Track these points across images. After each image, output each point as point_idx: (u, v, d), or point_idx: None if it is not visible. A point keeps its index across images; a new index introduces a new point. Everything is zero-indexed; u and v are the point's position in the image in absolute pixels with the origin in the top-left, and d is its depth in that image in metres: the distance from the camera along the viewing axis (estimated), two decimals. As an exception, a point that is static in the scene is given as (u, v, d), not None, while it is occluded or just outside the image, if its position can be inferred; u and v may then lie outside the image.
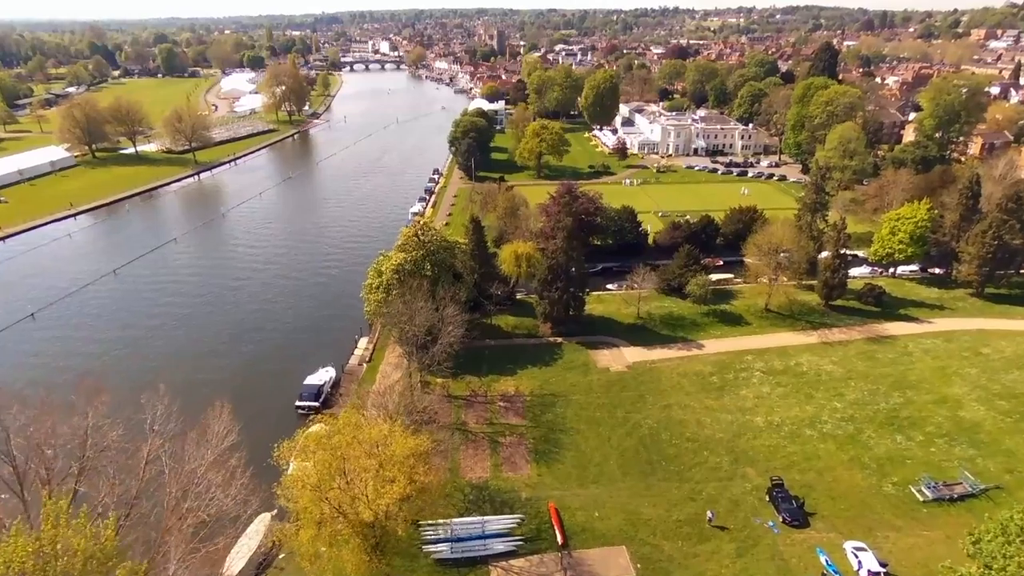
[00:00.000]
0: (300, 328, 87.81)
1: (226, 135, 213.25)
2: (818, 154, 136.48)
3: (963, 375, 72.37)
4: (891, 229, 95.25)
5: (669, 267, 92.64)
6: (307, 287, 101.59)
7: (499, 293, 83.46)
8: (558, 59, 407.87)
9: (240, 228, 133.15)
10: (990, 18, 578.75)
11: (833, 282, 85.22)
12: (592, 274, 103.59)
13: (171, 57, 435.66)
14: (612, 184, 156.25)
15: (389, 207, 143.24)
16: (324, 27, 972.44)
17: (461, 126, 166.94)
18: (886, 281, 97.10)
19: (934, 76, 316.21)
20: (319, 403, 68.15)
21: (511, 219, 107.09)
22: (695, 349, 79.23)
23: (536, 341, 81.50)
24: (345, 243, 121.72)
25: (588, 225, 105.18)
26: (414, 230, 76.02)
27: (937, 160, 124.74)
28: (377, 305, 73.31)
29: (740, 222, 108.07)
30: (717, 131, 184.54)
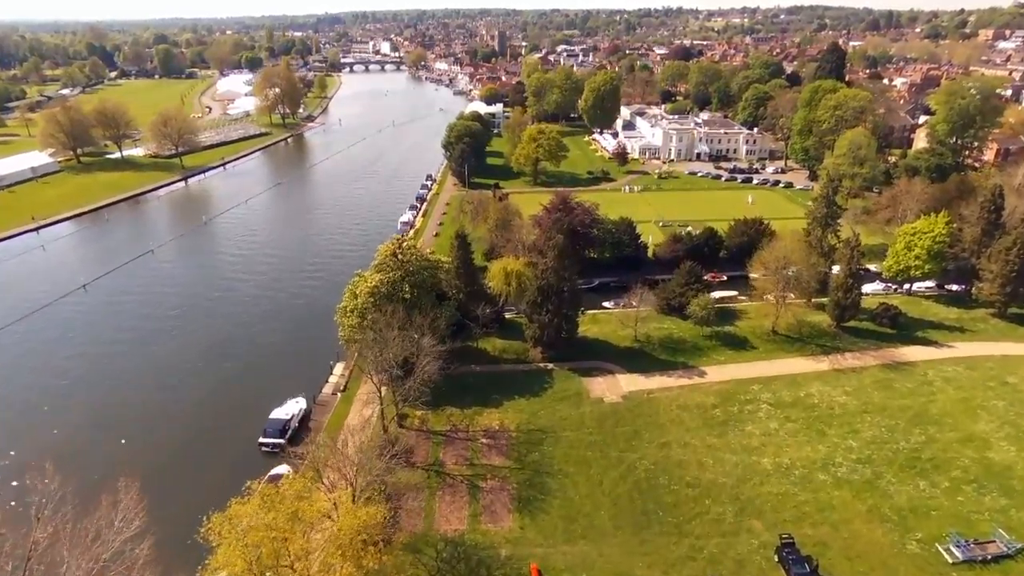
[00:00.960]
0: (273, 351, 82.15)
1: (217, 139, 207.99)
2: (827, 161, 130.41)
3: (989, 408, 66.27)
4: (907, 244, 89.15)
5: (669, 285, 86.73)
6: (285, 304, 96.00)
7: (486, 314, 77.69)
8: (559, 60, 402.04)
9: (222, 238, 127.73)
10: (998, 18, 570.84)
11: (846, 303, 79.17)
12: (588, 290, 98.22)
13: (168, 58, 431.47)
14: (611, 191, 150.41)
15: (379, 215, 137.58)
16: (326, 28, 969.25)
17: (455, 131, 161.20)
18: (901, 299, 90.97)
19: (943, 77, 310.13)
20: (285, 440, 62.45)
21: (503, 231, 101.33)
22: (696, 377, 73.28)
23: (525, 367, 75.66)
24: (330, 255, 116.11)
25: (584, 238, 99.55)
26: (392, 248, 70.24)
27: (952, 168, 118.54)
28: (351, 331, 67.65)
29: (745, 235, 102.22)
30: (721, 135, 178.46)
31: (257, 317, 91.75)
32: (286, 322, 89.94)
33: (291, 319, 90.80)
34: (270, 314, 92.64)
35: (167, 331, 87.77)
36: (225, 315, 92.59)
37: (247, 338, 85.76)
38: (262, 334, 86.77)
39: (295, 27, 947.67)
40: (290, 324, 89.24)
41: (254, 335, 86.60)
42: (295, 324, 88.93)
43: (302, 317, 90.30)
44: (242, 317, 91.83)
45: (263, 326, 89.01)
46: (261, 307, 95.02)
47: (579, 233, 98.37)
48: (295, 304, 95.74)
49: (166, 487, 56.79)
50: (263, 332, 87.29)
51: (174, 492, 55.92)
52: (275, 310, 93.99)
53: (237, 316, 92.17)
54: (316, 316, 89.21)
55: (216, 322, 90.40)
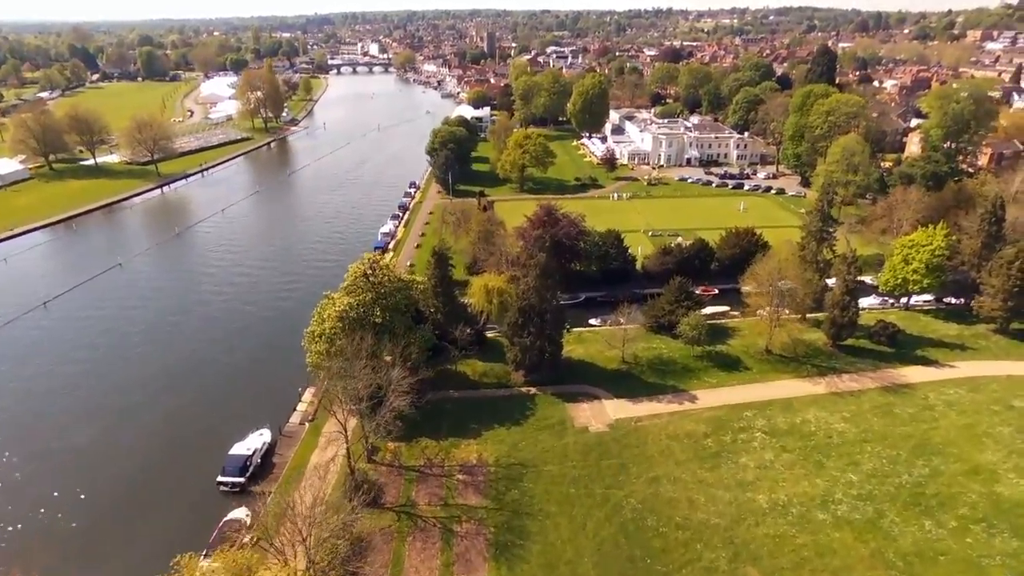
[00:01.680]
0: (240, 374, 77.52)
1: (196, 144, 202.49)
2: (819, 168, 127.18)
3: (995, 436, 62.74)
4: (904, 257, 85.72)
5: (658, 302, 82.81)
6: (257, 322, 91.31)
7: (466, 335, 73.47)
8: (549, 62, 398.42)
9: (194, 250, 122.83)
10: (986, 19, 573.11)
11: (842, 321, 75.58)
12: (573, 305, 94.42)
13: (151, 60, 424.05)
14: (599, 199, 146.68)
15: (360, 225, 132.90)
16: (315, 29, 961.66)
17: (439, 136, 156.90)
18: (899, 315, 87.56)
19: (933, 79, 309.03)
20: (245, 479, 57.95)
21: (486, 244, 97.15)
22: (687, 402, 69.37)
23: (507, 392, 71.50)
24: (307, 268, 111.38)
25: (569, 251, 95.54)
26: (363, 269, 65.83)
27: (948, 175, 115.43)
28: (319, 357, 63.20)
29: (737, 246, 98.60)
30: (711, 140, 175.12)
31: (226, 337, 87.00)
32: (256, 342, 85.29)
33: (261, 339, 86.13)
34: (239, 334, 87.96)
35: (128, 354, 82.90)
36: (192, 335, 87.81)
37: (213, 360, 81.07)
38: (230, 356, 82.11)
39: (284, 28, 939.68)
40: (260, 345, 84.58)
41: (221, 357, 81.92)
42: (265, 345, 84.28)
43: (273, 337, 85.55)
44: (210, 337, 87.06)
45: (231, 347, 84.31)
46: (231, 326, 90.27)
47: (564, 246, 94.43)
48: (267, 322, 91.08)
49: (106, 538, 52.46)
50: (231, 354, 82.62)
51: (113, 546, 51.57)
52: (245, 329, 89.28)
53: (204, 336, 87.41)
54: (288, 336, 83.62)
55: (182, 343, 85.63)
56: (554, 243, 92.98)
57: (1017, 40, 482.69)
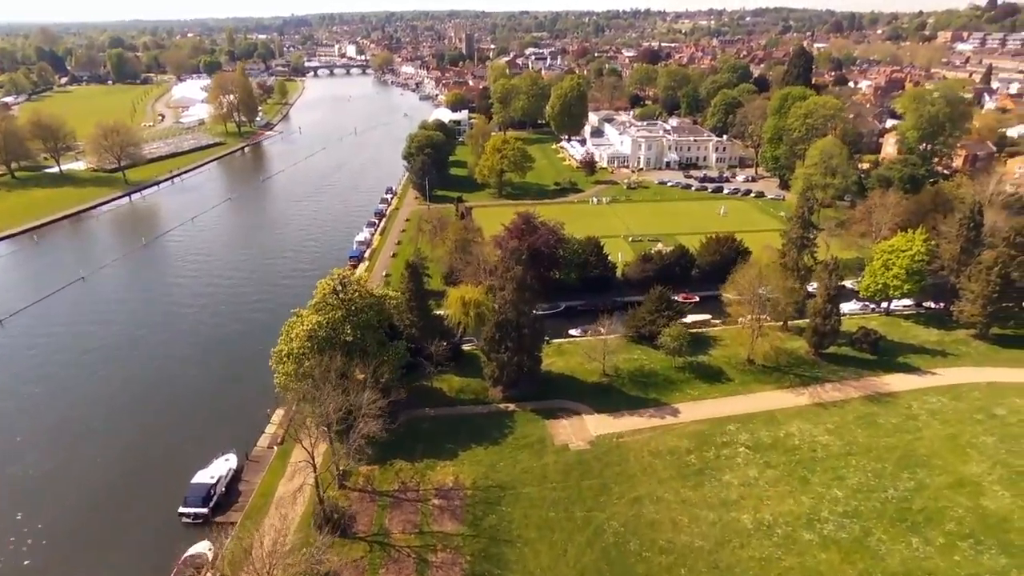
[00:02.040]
0: (207, 393, 74.31)
1: (166, 150, 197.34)
2: (798, 171, 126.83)
3: (979, 446, 62.00)
4: (884, 262, 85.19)
5: (638, 312, 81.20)
6: (225, 338, 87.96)
7: (441, 350, 71.09)
8: (528, 63, 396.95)
9: (162, 262, 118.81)
10: (955, 20, 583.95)
11: (824, 329, 74.62)
12: (554, 315, 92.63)
13: (122, 63, 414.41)
14: (579, 203, 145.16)
15: (335, 233, 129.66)
16: (292, 30, 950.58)
17: (416, 141, 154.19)
18: (880, 321, 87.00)
19: (906, 80, 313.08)
20: (208, 509, 55.06)
21: (463, 254, 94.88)
22: (669, 416, 67.76)
23: (484, 409, 69.33)
24: (280, 280, 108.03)
25: (548, 259, 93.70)
26: (332, 285, 63.20)
27: (925, 178, 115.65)
28: (287, 378, 60.47)
29: (718, 253, 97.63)
30: (690, 143, 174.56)
31: (192, 354, 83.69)
32: (224, 360, 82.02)
33: (230, 356, 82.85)
34: (207, 350, 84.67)
35: (88, 373, 79.28)
36: (157, 352, 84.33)
37: (179, 379, 77.76)
38: (196, 374, 78.86)
39: (260, 29, 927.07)
40: (228, 362, 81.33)
41: (187, 375, 78.63)
42: (234, 362, 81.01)
43: (242, 354, 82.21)
44: (175, 354, 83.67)
45: (198, 364, 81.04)
46: (198, 342, 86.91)
47: (543, 254, 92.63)
48: (236, 338, 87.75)
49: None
50: (197, 371, 79.38)
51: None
52: (213, 345, 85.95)
53: (170, 353, 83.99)
54: (258, 352, 79.91)
55: (146, 360, 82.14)
56: (532, 252, 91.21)
57: (986, 41, 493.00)
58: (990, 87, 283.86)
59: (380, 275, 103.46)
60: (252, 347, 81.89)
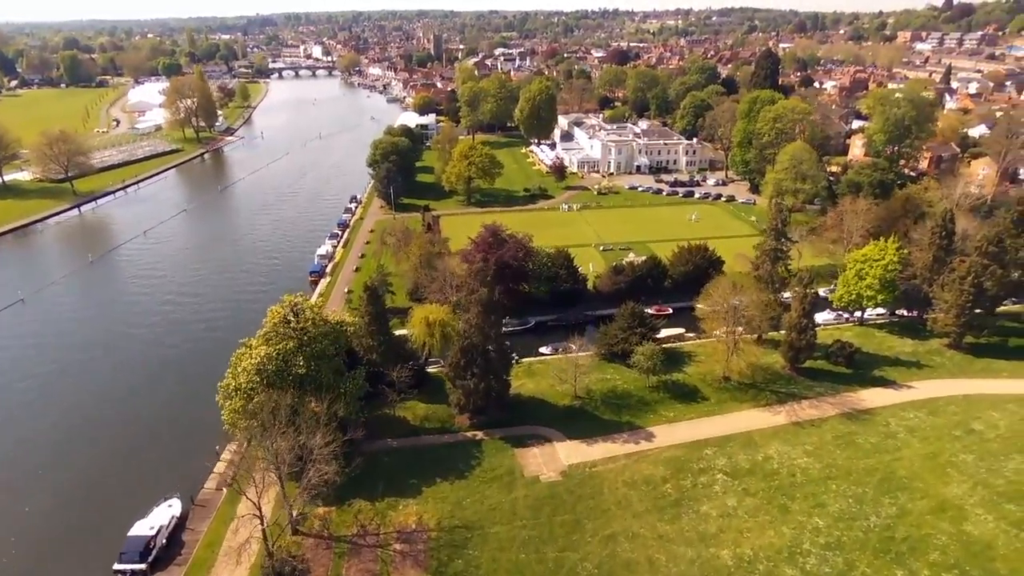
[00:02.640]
0: (151, 428, 69.11)
1: (119, 158, 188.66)
2: (769, 175, 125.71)
3: (958, 465, 60.48)
4: (857, 272, 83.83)
5: (610, 329, 78.33)
6: (176, 363, 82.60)
7: (403, 377, 67.05)
8: (497, 64, 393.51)
9: (110, 280, 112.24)
10: (914, 21, 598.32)
11: (800, 344, 72.67)
12: (524, 331, 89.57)
13: (75, 65, 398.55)
14: (549, 210, 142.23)
15: (296, 246, 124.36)
16: (256, 30, 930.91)
17: (380, 148, 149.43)
18: (854, 332, 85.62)
19: (870, 80, 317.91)
20: (147, 565, 50.30)
21: (428, 269, 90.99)
22: (643, 441, 64.94)
23: (451, 438, 65.68)
24: (237, 297, 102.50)
25: (517, 273, 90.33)
26: (283, 313, 58.84)
27: (895, 183, 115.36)
28: (235, 416, 55.98)
29: (690, 263, 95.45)
30: (660, 147, 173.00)
31: (139, 382, 78.20)
32: (173, 389, 76.72)
33: (180, 384, 77.56)
34: (155, 378, 79.26)
35: (21, 405, 73.44)
36: (100, 380, 78.77)
37: (123, 410, 72.40)
38: (142, 405, 73.54)
39: (224, 29, 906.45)
40: (177, 391, 76.05)
41: (132, 406, 73.28)
42: (184, 391, 75.68)
43: (193, 382, 76.64)
44: (121, 382, 78.20)
45: (145, 394, 75.68)
46: (144, 370, 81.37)
47: (511, 268, 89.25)
48: (187, 364, 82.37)
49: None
50: (144, 402, 74.05)
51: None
52: (162, 373, 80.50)
53: (115, 381, 78.49)
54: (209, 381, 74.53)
55: (85, 392, 76.45)
56: (500, 266, 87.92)
57: (944, 41, 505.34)
58: (950, 87, 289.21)
59: (342, 291, 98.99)
60: (204, 374, 75.83)
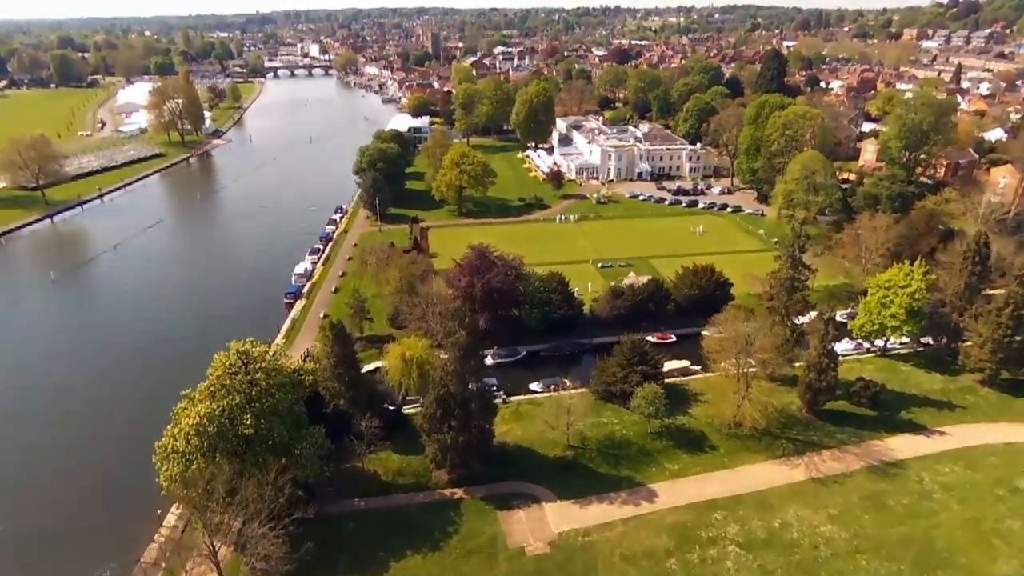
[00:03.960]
0: (88, 488, 61.28)
1: (98, 163, 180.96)
2: (778, 186, 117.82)
3: (1005, 534, 52.82)
4: (880, 299, 76.08)
5: (608, 366, 70.63)
6: (118, 412, 72.47)
7: (372, 428, 59.26)
8: (495, 63, 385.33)
9: (70, 302, 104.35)
10: (920, 18, 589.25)
11: (819, 386, 64.96)
12: (513, 363, 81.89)
13: (66, 65, 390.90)
14: (545, 222, 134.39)
15: (275, 262, 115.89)
16: (255, 28, 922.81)
17: (367, 154, 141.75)
18: (877, 365, 77.90)
19: (878, 80, 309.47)
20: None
21: (410, 294, 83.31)
22: (644, 501, 57.30)
23: (426, 496, 58.16)
24: (205, 323, 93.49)
25: (506, 299, 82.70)
26: (231, 361, 51.14)
27: (915, 196, 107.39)
28: (172, 484, 48.44)
29: (695, 286, 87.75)
30: (663, 152, 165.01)
31: (77, 432, 69.29)
32: (118, 438, 67.41)
33: (131, 429, 68.25)
34: (105, 420, 71.21)
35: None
36: (43, 419, 71.17)
37: (65, 458, 64.91)
38: (87, 451, 65.99)
39: (223, 27, 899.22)
40: (127, 438, 67.11)
41: (75, 452, 65.75)
42: (134, 438, 65.93)
43: (142, 429, 66.69)
44: (65, 424, 70.50)
45: (91, 439, 67.99)
46: (86, 416, 71.92)
47: (502, 292, 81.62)
48: (143, 403, 72.49)
49: None
50: (89, 448, 66.47)
51: None
52: (114, 414, 72.19)
53: (59, 422, 70.77)
54: (160, 428, 67.41)
55: (29, 430, 69.15)
56: (487, 292, 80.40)
57: (951, 39, 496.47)
58: (961, 87, 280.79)
59: (318, 316, 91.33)
60: (157, 420, 68.17)
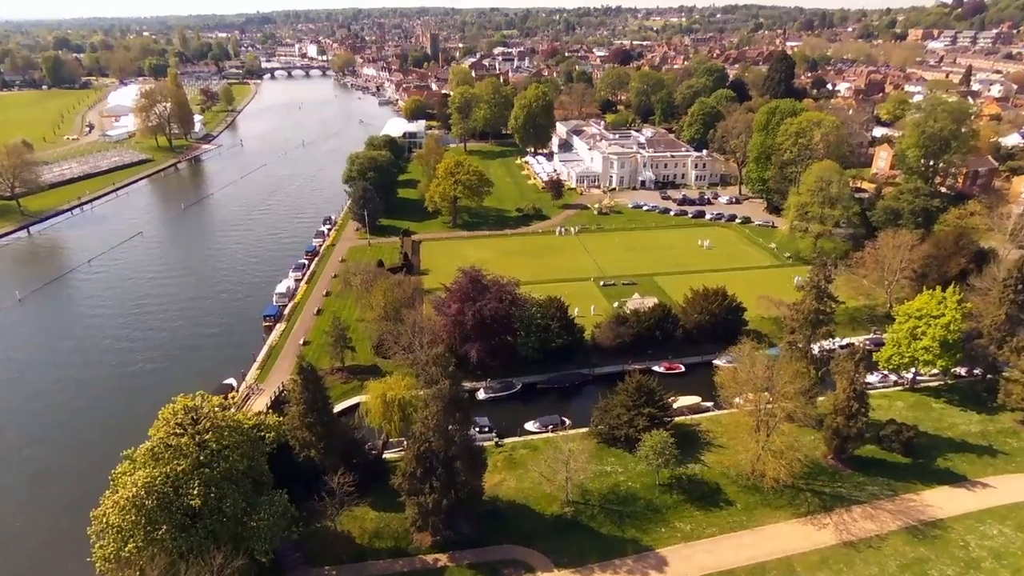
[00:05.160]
0: (27, 553, 54.60)
1: (80, 170, 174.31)
2: (791, 199, 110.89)
3: (1069, 615, 45.98)
4: (910, 330, 69.24)
5: (612, 406, 63.72)
6: (71, 454, 65.66)
7: (346, 484, 52.33)
8: (495, 64, 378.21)
9: (33, 325, 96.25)
10: (924, 18, 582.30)
11: (848, 432, 58.07)
12: (508, 397, 75.07)
13: (58, 66, 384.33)
14: (544, 234, 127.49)
15: (254, 280, 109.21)
16: (254, 28, 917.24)
17: (357, 163, 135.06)
18: (906, 401, 71.03)
19: (886, 82, 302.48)
20: None
21: (395, 322, 76.64)
22: (653, 571, 50.44)
23: (406, 564, 51.35)
24: (174, 350, 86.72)
25: (502, 325, 75.93)
26: (179, 419, 44.36)
27: (940, 211, 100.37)
28: (104, 563, 41.65)
29: (706, 312, 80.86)
30: (667, 159, 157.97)
31: (15, 487, 62.16)
32: (55, 504, 59.03)
33: (64, 498, 58.86)
34: (31, 485, 62.26)
35: None
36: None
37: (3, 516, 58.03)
38: (33, 505, 59.19)
39: (222, 27, 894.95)
40: (61, 506, 58.20)
41: (19, 507, 58.92)
42: (70, 506, 56.09)
43: (88, 487, 55.05)
44: (7, 475, 63.66)
45: (11, 509, 59.29)
46: (21, 469, 64.36)
47: (496, 319, 74.83)
48: (82, 461, 63.72)
49: None
50: (36, 501, 59.69)
51: None
52: (39, 478, 62.85)
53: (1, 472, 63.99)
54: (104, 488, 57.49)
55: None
56: (479, 320, 73.68)
57: (957, 39, 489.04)
58: (972, 90, 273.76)
59: (297, 343, 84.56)
60: (99, 477, 59.40)
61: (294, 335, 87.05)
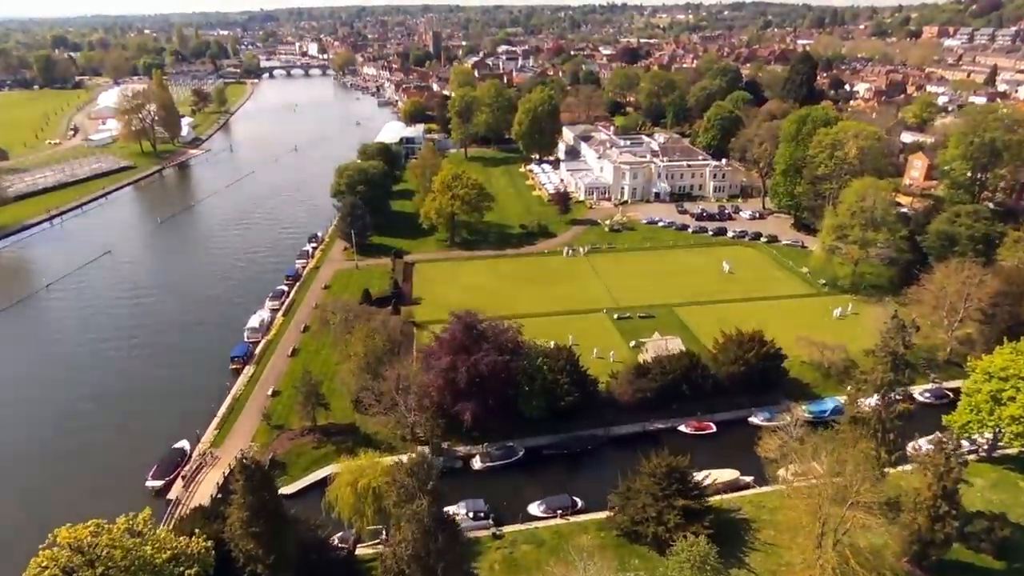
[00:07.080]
0: None
1: (55, 178, 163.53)
2: (827, 219, 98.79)
3: None
4: (992, 393, 57.54)
5: (635, 492, 52.17)
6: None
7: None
8: (498, 63, 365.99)
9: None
10: (938, 15, 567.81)
11: (933, 538, 46.40)
12: (508, 465, 63.70)
13: (50, 65, 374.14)
14: (550, 254, 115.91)
15: (229, 309, 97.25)
16: (257, 26, 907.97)
17: (346, 175, 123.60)
18: (986, 478, 59.25)
19: (907, 82, 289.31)
20: None
21: (375, 377, 65.27)
22: None
23: None
24: (122, 403, 74.85)
25: (501, 381, 64.46)
26: (61, 560, 33.03)
27: (1002, 236, 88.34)
28: None
29: (740, 360, 69.15)
30: (683, 169, 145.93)
31: None
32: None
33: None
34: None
35: None
36: None
37: None
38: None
39: (225, 25, 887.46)
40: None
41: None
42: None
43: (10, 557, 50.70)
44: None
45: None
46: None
47: (494, 374, 63.35)
48: (25, 510, 56.07)
49: None
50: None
51: None
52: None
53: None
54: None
55: None
56: (474, 375, 62.28)
57: (974, 37, 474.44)
58: (999, 91, 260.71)
59: (266, 392, 73.26)
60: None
61: (263, 382, 75.71)
